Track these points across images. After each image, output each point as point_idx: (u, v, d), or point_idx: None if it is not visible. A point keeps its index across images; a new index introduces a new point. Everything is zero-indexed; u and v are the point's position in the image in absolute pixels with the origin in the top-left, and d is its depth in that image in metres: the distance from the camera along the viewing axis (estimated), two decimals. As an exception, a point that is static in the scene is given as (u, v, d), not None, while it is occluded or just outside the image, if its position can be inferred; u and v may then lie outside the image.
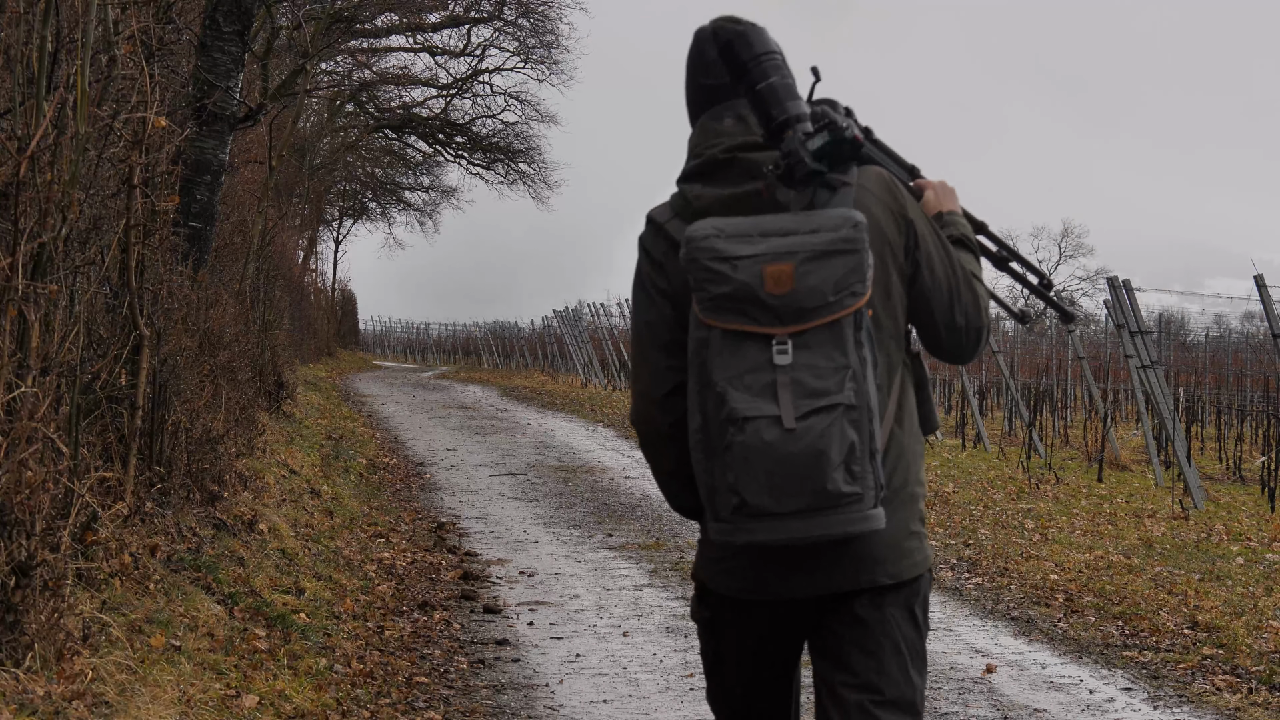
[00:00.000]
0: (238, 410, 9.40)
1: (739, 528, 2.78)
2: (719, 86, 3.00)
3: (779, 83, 2.88)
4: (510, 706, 5.74)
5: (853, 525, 2.76)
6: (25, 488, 4.26)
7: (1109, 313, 15.31)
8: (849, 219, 2.79)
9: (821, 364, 2.76)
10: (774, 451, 2.73)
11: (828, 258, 2.77)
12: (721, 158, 2.95)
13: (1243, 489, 15.28)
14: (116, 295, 6.21)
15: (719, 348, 2.79)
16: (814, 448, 2.72)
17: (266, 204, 15.68)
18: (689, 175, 2.99)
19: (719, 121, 2.98)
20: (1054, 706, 5.86)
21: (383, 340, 71.79)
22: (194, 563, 6.20)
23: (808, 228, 2.80)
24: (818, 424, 2.73)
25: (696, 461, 2.84)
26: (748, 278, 2.77)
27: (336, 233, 51.51)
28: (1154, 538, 10.33)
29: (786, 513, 2.74)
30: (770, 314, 2.77)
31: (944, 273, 3.02)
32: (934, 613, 7.73)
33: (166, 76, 8.21)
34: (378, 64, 34.87)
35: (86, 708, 4.11)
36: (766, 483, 2.74)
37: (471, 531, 10.34)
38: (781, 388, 2.75)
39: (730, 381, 2.77)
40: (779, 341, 2.77)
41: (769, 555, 2.90)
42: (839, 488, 2.73)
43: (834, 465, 2.73)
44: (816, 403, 2.74)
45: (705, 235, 2.81)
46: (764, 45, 2.91)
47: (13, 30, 4.85)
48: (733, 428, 2.75)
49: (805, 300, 2.76)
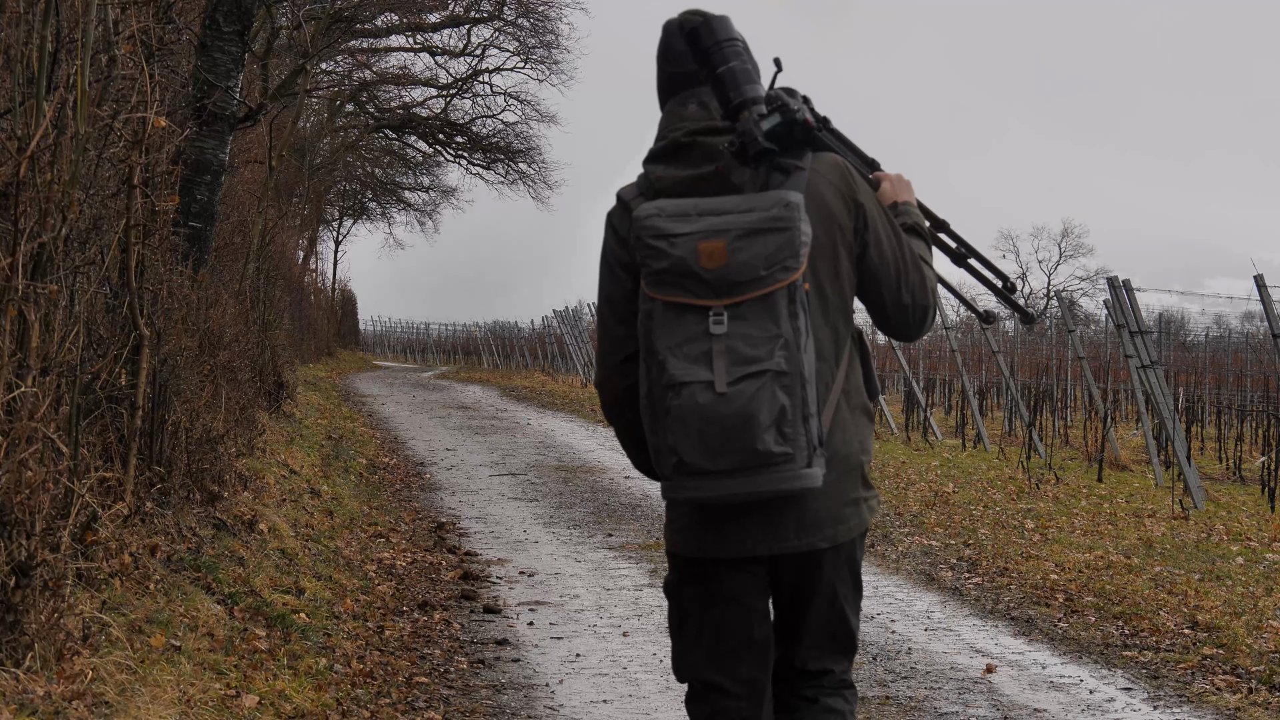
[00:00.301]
0: (238, 410, 9.39)
1: (679, 485, 3.03)
2: (685, 75, 3.19)
3: (738, 67, 3.06)
4: (510, 706, 5.74)
5: (784, 483, 2.98)
6: (25, 488, 4.26)
7: (1109, 313, 15.31)
8: (782, 199, 3.00)
9: (755, 333, 2.98)
10: (706, 414, 2.97)
11: (759, 235, 2.99)
12: (683, 140, 3.15)
13: (1243, 489, 15.28)
14: (116, 295, 6.21)
15: (661, 319, 3.03)
16: (744, 410, 2.95)
17: (266, 204, 15.67)
18: (653, 157, 3.21)
19: (684, 107, 3.19)
20: (1054, 706, 5.86)
21: (383, 340, 71.79)
22: (194, 563, 6.20)
23: (743, 207, 3.02)
24: (748, 388, 2.95)
25: (645, 424, 3.09)
26: (684, 253, 3.01)
27: (336, 233, 51.52)
28: (1154, 538, 10.33)
29: (720, 471, 2.98)
30: (706, 287, 3.00)
31: (892, 254, 3.23)
32: (934, 613, 7.74)
33: (166, 76, 8.21)
34: (378, 64, 34.88)
35: (86, 708, 4.11)
36: (701, 443, 2.97)
37: (471, 531, 10.34)
38: (716, 355, 2.98)
39: (670, 350, 3.01)
40: (715, 313, 3.00)
41: (718, 517, 3.14)
42: (769, 448, 2.95)
43: (764, 427, 2.95)
44: (748, 369, 2.96)
45: (649, 215, 3.04)
46: (726, 32, 3.09)
47: (13, 30, 4.84)
48: (671, 392, 2.99)
49: (738, 274, 2.99)
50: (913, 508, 11.80)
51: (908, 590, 8.40)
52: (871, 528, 2.79)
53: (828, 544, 3.17)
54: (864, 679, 6.22)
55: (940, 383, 30.62)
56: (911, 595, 8.24)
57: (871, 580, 8.70)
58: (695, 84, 3.19)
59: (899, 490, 13.04)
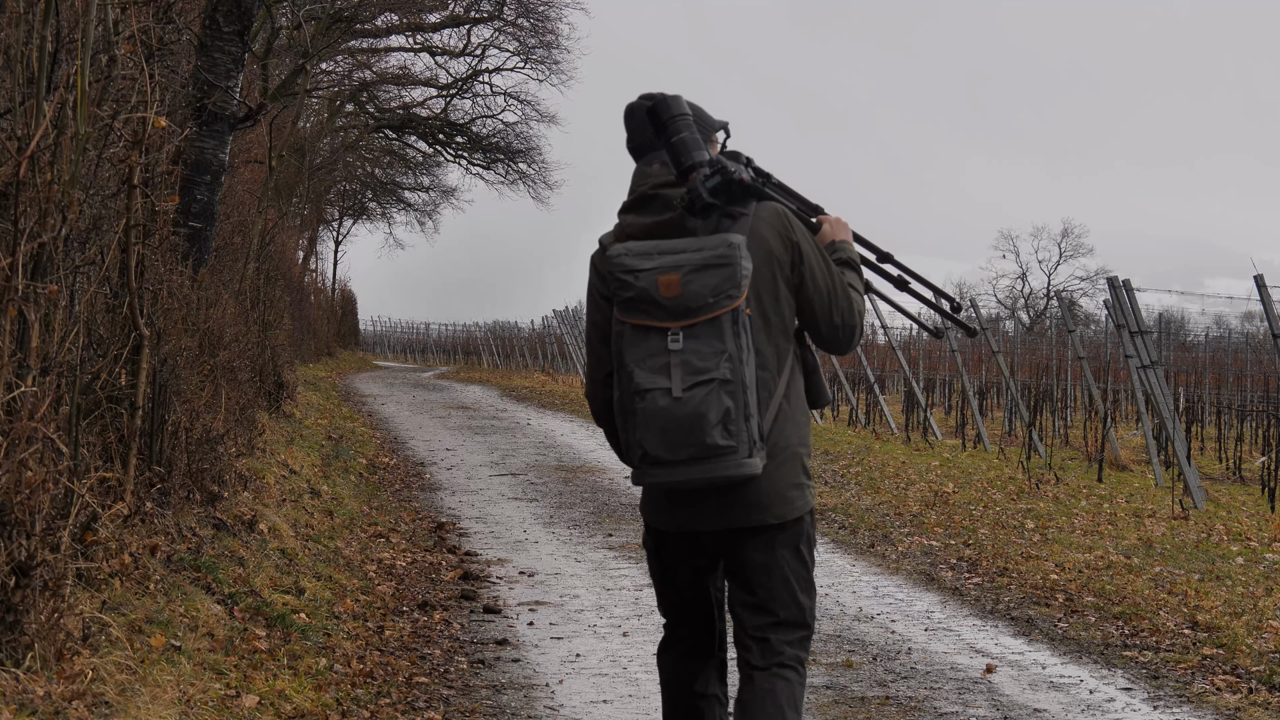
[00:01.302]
0: (238, 410, 9.39)
1: (645, 473, 3.70)
2: (648, 142, 3.87)
3: (688, 137, 3.74)
4: (510, 706, 5.74)
5: (729, 470, 3.63)
6: (25, 488, 4.26)
7: (1109, 313, 15.31)
8: (725, 241, 3.66)
9: (704, 349, 3.63)
10: (665, 414, 3.63)
11: (707, 270, 3.64)
12: (648, 193, 3.83)
13: (1243, 489, 15.28)
14: (116, 295, 6.21)
15: (630, 338, 3.70)
16: (696, 411, 3.61)
17: (266, 204, 15.68)
18: (625, 208, 3.88)
19: (649, 166, 3.87)
20: (1054, 706, 5.86)
21: (383, 340, 71.79)
22: (194, 563, 6.20)
23: (695, 247, 3.67)
24: (699, 393, 3.61)
25: (619, 424, 3.77)
26: (647, 285, 3.67)
27: (336, 233, 51.48)
28: (1154, 538, 10.33)
29: (678, 460, 3.64)
30: (664, 312, 3.66)
31: (825, 283, 3.85)
32: (934, 613, 7.74)
33: (166, 76, 8.21)
34: (378, 64, 34.87)
35: (86, 708, 4.11)
36: (661, 438, 3.64)
37: (471, 531, 10.34)
38: (674, 367, 3.64)
39: (637, 363, 3.67)
40: (673, 333, 3.66)
41: (680, 498, 3.80)
42: (716, 441, 3.61)
43: (712, 425, 3.61)
44: (699, 378, 3.62)
45: (619, 254, 3.71)
46: (678, 109, 3.77)
47: (13, 30, 4.85)
48: (637, 397, 3.66)
49: (690, 302, 3.64)
50: (913, 508, 11.80)
51: (908, 590, 8.40)
52: (816, 508, 3.41)
53: (775, 520, 3.78)
54: (864, 679, 6.22)
55: (940, 383, 30.62)
56: (911, 595, 8.24)
57: (871, 580, 8.70)
58: (657, 148, 3.85)
59: (899, 490, 13.04)
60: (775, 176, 3.95)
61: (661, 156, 3.85)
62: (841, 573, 8.96)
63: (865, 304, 3.98)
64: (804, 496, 3.83)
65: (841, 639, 7.02)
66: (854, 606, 7.85)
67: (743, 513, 3.77)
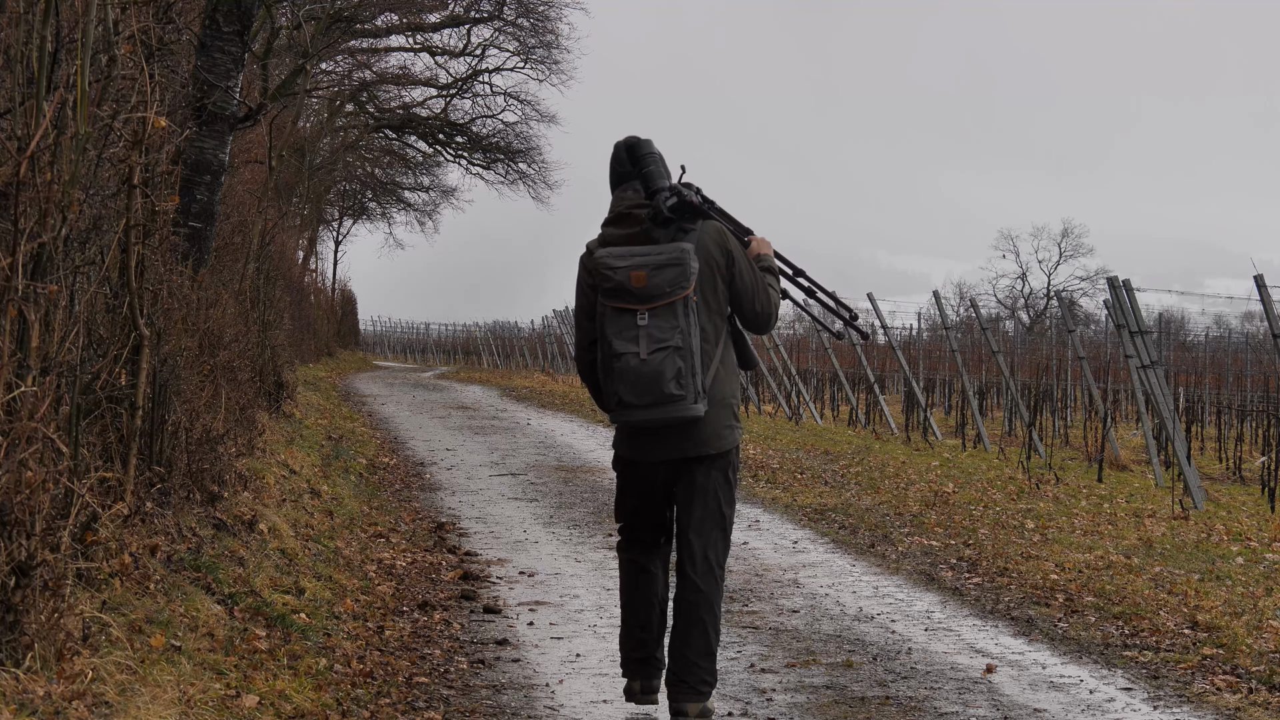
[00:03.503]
0: (238, 410, 9.39)
1: (620, 415, 5.21)
2: (627, 173, 5.39)
3: (654, 170, 5.30)
4: (510, 706, 5.74)
5: (680, 413, 5.12)
6: (25, 488, 4.26)
7: (1109, 313, 15.31)
8: (679, 248, 5.15)
9: (663, 324, 5.12)
10: (635, 372, 5.12)
11: (665, 268, 5.14)
12: (624, 212, 5.32)
13: (1243, 489, 15.28)
14: (116, 295, 6.20)
15: (610, 317, 5.19)
16: (657, 369, 5.10)
17: (266, 204, 15.67)
18: (607, 222, 5.37)
19: (625, 193, 5.37)
20: (1054, 706, 5.86)
21: (383, 340, 71.80)
22: (194, 563, 6.20)
23: (656, 252, 5.16)
24: (659, 357, 5.10)
25: (600, 379, 5.30)
26: (622, 278, 5.15)
27: (336, 233, 51.47)
28: (1154, 538, 10.33)
29: (643, 404, 5.14)
30: (635, 298, 5.15)
31: (750, 281, 5.35)
32: (934, 613, 7.74)
33: (166, 76, 8.20)
34: (378, 64, 34.86)
35: (86, 708, 4.11)
36: (632, 389, 5.13)
37: (471, 531, 10.34)
38: (641, 337, 5.13)
39: (615, 335, 5.16)
40: (641, 313, 5.14)
41: (643, 434, 5.30)
42: (671, 392, 5.10)
43: (667, 380, 5.09)
44: (659, 345, 5.11)
45: (603, 256, 5.21)
46: (649, 149, 5.35)
47: (13, 30, 4.84)
48: (615, 359, 5.15)
49: (653, 291, 5.13)
50: (913, 508, 11.80)
51: (908, 590, 8.40)
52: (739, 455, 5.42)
53: (713, 451, 5.29)
54: (864, 679, 6.22)
55: (940, 383, 30.62)
56: (911, 595, 8.24)
57: (871, 580, 8.71)
58: (632, 178, 5.36)
59: (899, 490, 13.04)
60: (717, 203, 5.40)
61: (634, 185, 5.33)
62: (841, 573, 8.96)
63: (780, 299, 5.46)
64: (733, 434, 5.34)
65: (841, 639, 7.02)
66: (854, 606, 7.85)
67: (689, 445, 5.27)
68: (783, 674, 6.29)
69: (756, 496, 12.73)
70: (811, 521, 11.22)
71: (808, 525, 11.04)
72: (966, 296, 69.08)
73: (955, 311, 62.98)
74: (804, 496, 12.65)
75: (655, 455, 5.29)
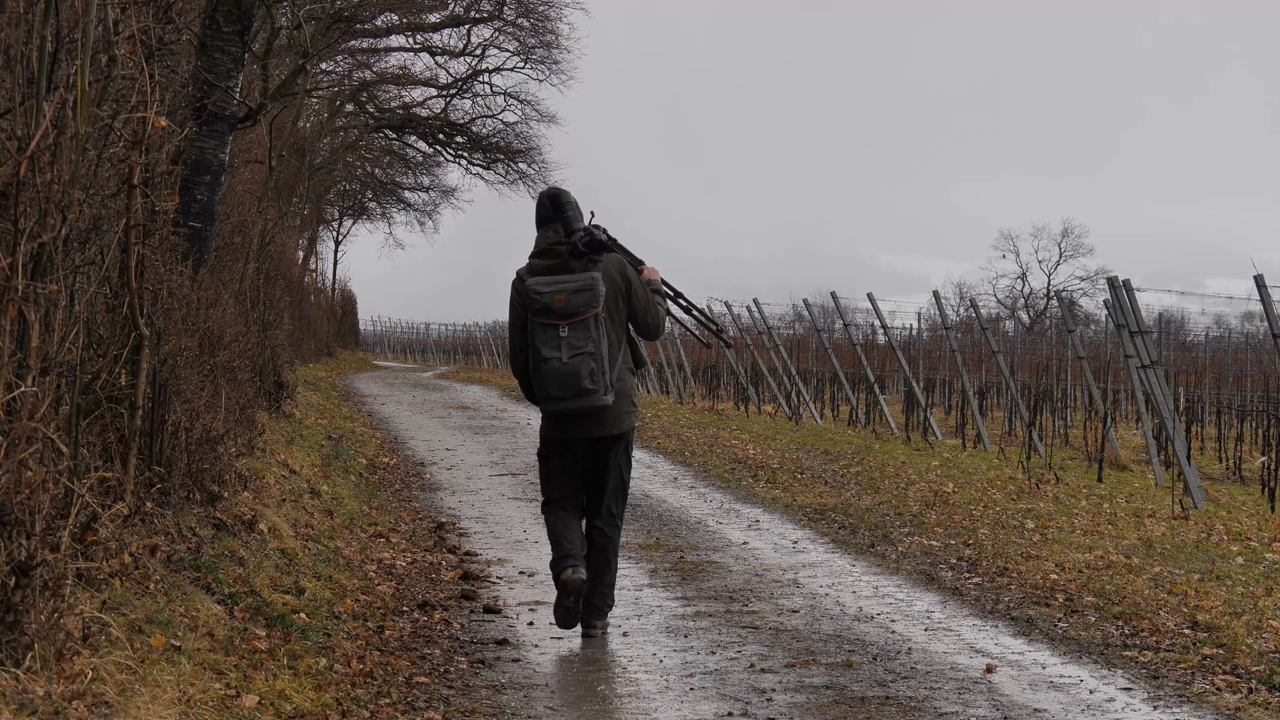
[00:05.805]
0: (238, 410, 9.39)
1: (548, 405, 6.76)
2: (549, 216, 6.92)
3: (572, 214, 6.89)
4: (510, 706, 5.74)
5: (593, 403, 6.71)
6: (25, 488, 4.26)
7: (1109, 313, 15.30)
8: (590, 276, 6.72)
9: (580, 336, 6.67)
10: (558, 372, 6.67)
11: (579, 292, 6.69)
12: (547, 248, 6.88)
13: (1243, 489, 15.28)
14: (116, 295, 6.20)
15: (538, 330, 6.72)
16: (575, 370, 6.65)
17: (266, 204, 15.67)
18: (533, 255, 6.93)
19: (549, 232, 6.91)
20: (1054, 706, 5.86)
21: (383, 340, 71.79)
22: (194, 563, 6.20)
23: (573, 280, 6.72)
24: (577, 360, 6.65)
25: (533, 378, 6.79)
26: (548, 301, 6.69)
27: (336, 233, 51.42)
28: (1154, 538, 10.33)
29: (565, 397, 6.70)
30: (557, 315, 6.69)
31: (643, 300, 6.97)
32: (934, 613, 7.74)
33: (166, 76, 8.21)
34: (378, 64, 34.84)
35: (86, 708, 4.11)
36: (556, 385, 6.69)
37: (471, 531, 10.34)
38: (563, 345, 6.67)
39: (542, 344, 6.70)
40: (562, 328, 6.69)
41: (565, 419, 6.84)
42: (586, 387, 6.66)
43: (584, 378, 6.65)
44: (576, 351, 6.66)
45: (532, 284, 6.74)
46: (569, 199, 6.95)
47: (13, 30, 4.84)
48: (543, 363, 6.69)
49: (571, 310, 6.68)
50: (913, 508, 11.81)
51: (908, 590, 8.40)
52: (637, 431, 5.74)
53: (617, 432, 6.90)
54: (864, 679, 6.22)
55: (940, 383, 30.62)
56: (911, 595, 8.24)
57: (871, 580, 8.71)
58: (553, 221, 6.90)
59: (899, 490, 13.04)
60: (619, 241, 6.94)
61: (555, 226, 6.86)
62: (841, 573, 8.96)
63: (664, 313, 7.09)
64: (632, 419, 6.95)
65: (841, 639, 7.02)
66: (854, 606, 7.85)
67: (600, 427, 6.85)
68: (783, 674, 6.29)
69: (756, 496, 12.73)
70: (811, 521, 11.22)
71: (808, 525, 11.04)
72: (966, 296, 69.07)
73: (955, 311, 63.01)
74: (804, 496, 12.65)
75: (574, 435, 6.85)
